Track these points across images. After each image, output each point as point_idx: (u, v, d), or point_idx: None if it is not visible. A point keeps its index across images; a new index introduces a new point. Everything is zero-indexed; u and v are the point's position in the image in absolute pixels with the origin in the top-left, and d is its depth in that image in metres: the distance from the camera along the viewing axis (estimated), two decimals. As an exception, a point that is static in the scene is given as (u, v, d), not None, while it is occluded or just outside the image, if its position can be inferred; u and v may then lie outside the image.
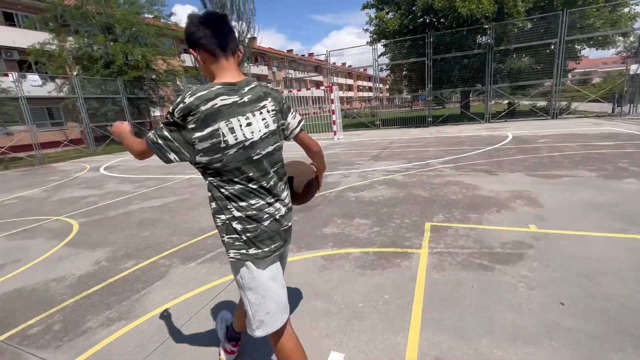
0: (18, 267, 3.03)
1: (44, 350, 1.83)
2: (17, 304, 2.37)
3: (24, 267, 3.04)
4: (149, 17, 20.36)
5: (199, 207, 4.52)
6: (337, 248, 2.78)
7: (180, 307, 2.13)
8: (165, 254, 3.01)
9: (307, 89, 13.88)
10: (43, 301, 2.37)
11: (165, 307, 2.14)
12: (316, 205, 4.06)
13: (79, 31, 17.87)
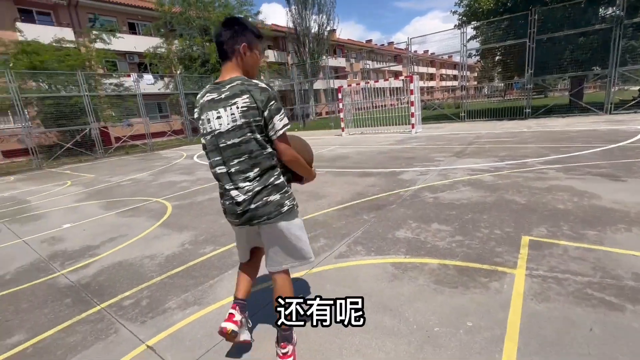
0: (124, 242, 3.53)
1: (132, 323, 2.03)
2: (119, 275, 2.73)
3: (128, 242, 3.52)
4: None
5: (273, 198, 4.66)
6: (411, 256, 2.51)
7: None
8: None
9: (384, 80, 13.30)
10: (137, 276, 2.68)
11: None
12: (388, 205, 3.79)
13: (183, 34, 20.33)
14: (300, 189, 4.95)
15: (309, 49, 29.20)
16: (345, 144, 10.46)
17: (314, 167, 1.70)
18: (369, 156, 7.49)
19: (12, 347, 1.91)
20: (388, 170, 5.69)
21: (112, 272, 2.81)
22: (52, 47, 14.97)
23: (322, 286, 2.21)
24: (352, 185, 4.90)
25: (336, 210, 3.83)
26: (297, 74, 23.62)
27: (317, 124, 22.69)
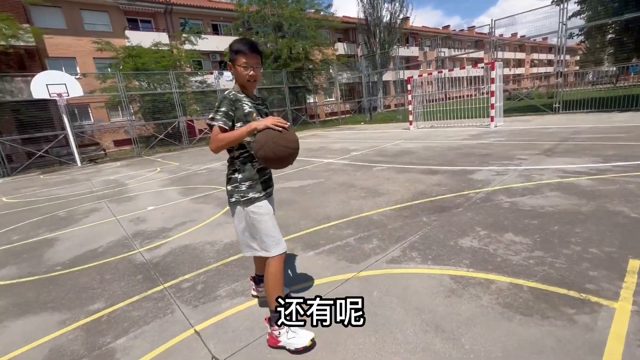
0: (192, 226, 3.84)
1: (186, 306, 2.17)
2: (183, 258, 2.97)
3: (196, 227, 3.82)
4: (311, 12, 22.32)
5: (331, 192, 4.60)
6: (475, 270, 2.19)
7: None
8: (291, 237, 3.15)
9: (461, 68, 12.09)
10: (197, 260, 2.88)
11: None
12: (454, 207, 3.40)
13: (258, 32, 21.47)
14: (360, 185, 4.80)
15: (380, 39, 28.27)
16: (412, 138, 9.87)
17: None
18: (437, 152, 6.92)
19: (92, 313, 2.21)
20: (457, 169, 5.16)
21: (178, 254, 3.07)
22: (151, 50, 17.19)
23: (369, 293, 2.06)
24: (415, 184, 4.56)
25: (394, 209, 3.59)
26: (365, 65, 23.09)
27: (384, 117, 21.96)
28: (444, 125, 12.48)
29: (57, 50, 18.22)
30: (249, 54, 1.64)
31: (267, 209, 1.77)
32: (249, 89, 1.73)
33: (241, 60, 1.64)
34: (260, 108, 1.77)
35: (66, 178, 9.81)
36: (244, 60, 1.64)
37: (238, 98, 1.66)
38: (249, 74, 1.66)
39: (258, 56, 1.68)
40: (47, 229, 4.45)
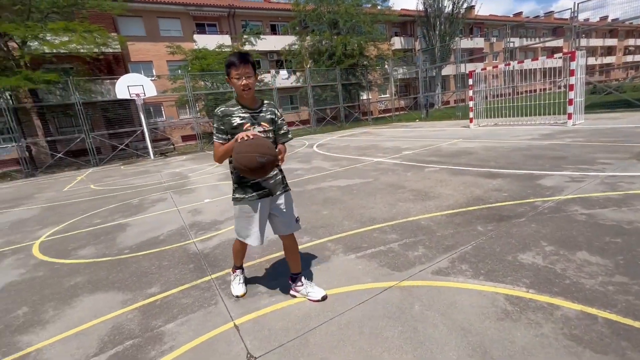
0: (241, 220, 4.02)
1: (229, 299, 2.27)
2: (230, 251, 3.10)
3: (244, 221, 3.99)
4: (367, 7, 21.90)
5: (377, 193, 4.47)
6: (537, 291, 1.93)
7: (327, 301, 2.09)
8: (333, 238, 3.12)
9: (533, 59, 10.81)
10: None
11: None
12: (515, 217, 3.05)
13: (314, 30, 21.72)
14: (409, 187, 4.58)
15: (440, 31, 26.70)
16: (472, 137, 9.15)
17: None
18: (499, 153, 6.30)
19: (148, 297, 2.42)
20: (523, 172, 4.63)
21: (226, 247, 3.23)
22: (215, 52, 18.43)
23: (410, 304, 1.94)
24: (471, 188, 4.20)
25: (445, 215, 3.34)
26: (423, 60, 21.98)
27: (441, 114, 20.74)
28: (510, 123, 11.35)
29: (138, 55, 20.50)
30: (239, 65, 1.79)
31: (241, 212, 2.03)
32: (245, 98, 1.90)
33: (233, 72, 1.81)
34: (260, 115, 1.94)
35: (141, 169, 11.03)
36: (235, 71, 1.80)
37: (227, 113, 1.88)
38: (242, 83, 1.82)
39: (248, 65, 1.82)
40: (122, 215, 5.03)
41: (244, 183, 1.97)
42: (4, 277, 3.12)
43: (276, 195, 2.05)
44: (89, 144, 14.13)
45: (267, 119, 1.96)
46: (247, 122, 1.88)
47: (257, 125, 1.92)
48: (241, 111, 1.89)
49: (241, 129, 1.85)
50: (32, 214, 5.90)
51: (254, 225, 2.02)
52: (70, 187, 8.78)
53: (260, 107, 1.96)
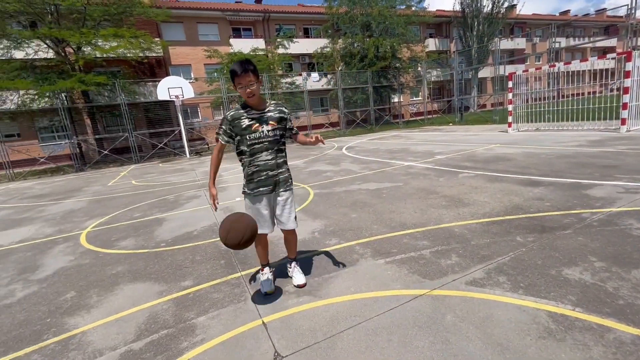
0: (270, 220, 4.09)
1: (257, 296, 2.30)
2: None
3: (273, 221, 4.05)
4: (401, 8, 21.56)
5: (408, 198, 4.36)
6: (584, 310, 1.78)
7: (355, 305, 2.07)
8: (362, 241, 3.08)
9: (582, 60, 10.04)
10: (271, 253, 3.03)
11: (345, 299, 2.15)
12: (560, 228, 2.84)
13: (346, 33, 21.73)
14: (442, 192, 4.43)
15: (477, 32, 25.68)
16: (511, 142, 8.68)
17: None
18: (541, 160, 5.92)
19: (182, 289, 2.52)
20: (568, 181, 4.32)
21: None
22: (249, 55, 18.98)
23: (442, 315, 1.86)
24: (509, 195, 3.98)
25: (480, 223, 3.19)
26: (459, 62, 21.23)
27: (477, 117, 19.90)
28: (553, 128, 10.65)
29: (178, 59, 21.60)
30: (240, 75, 1.94)
31: (248, 204, 2.23)
32: (251, 103, 2.06)
33: (236, 81, 1.96)
34: (267, 115, 2.10)
35: (177, 167, 11.58)
36: (238, 81, 1.96)
37: (236, 117, 2.07)
38: (247, 91, 1.97)
39: (249, 74, 1.94)
40: (159, 210, 5.30)
41: (252, 179, 2.16)
42: (56, 263, 3.40)
43: (279, 192, 2.22)
44: (132, 142, 15.06)
45: (276, 118, 2.12)
46: (255, 122, 2.06)
47: (265, 125, 2.09)
48: (249, 113, 2.07)
49: (250, 130, 2.06)
50: (80, 205, 6.38)
51: (261, 216, 2.21)
52: (114, 182, 9.40)
53: (268, 108, 2.12)
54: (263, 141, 2.09)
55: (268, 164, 2.13)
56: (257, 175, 2.14)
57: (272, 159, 2.13)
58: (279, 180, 2.20)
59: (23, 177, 13.32)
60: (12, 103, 14.16)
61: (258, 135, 2.08)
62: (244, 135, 2.07)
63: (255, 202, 2.19)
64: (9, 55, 14.30)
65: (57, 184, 10.45)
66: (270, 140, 2.11)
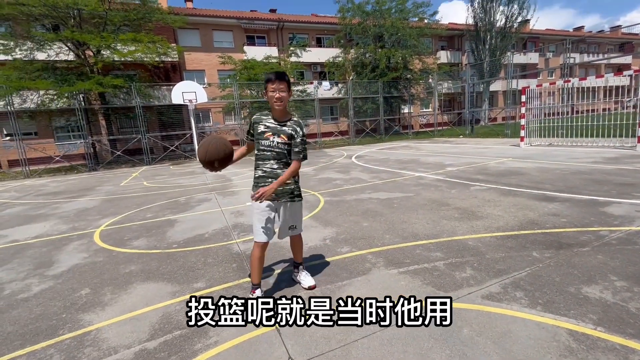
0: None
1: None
2: (270, 254, 3.17)
3: (284, 226, 4.06)
4: (414, 21, 21.75)
5: (419, 209, 4.33)
6: (606, 330, 1.73)
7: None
8: (374, 250, 3.07)
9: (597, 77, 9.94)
10: (283, 259, 3.04)
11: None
12: (578, 245, 2.79)
13: (358, 43, 21.96)
14: (454, 204, 4.40)
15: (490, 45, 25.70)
16: (523, 157, 8.59)
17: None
18: (556, 175, 5.84)
19: (195, 290, 2.54)
20: (584, 198, 4.25)
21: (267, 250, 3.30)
22: (262, 62, 19.28)
23: (458, 328, 1.83)
24: (524, 210, 3.93)
25: (495, 237, 3.15)
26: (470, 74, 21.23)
27: (488, 131, 19.77)
28: (567, 143, 10.52)
29: (192, 64, 22.05)
30: (275, 80, 2.06)
31: (257, 207, 2.19)
32: (276, 111, 2.16)
33: (270, 86, 2.08)
34: (281, 129, 2.17)
35: (188, 170, 11.72)
36: (271, 85, 2.07)
37: (256, 121, 2.20)
38: (275, 96, 2.07)
39: (283, 82, 2.07)
40: (171, 211, 5.36)
41: (257, 183, 2.24)
42: (70, 259, 3.45)
43: (280, 202, 2.27)
44: (144, 144, 15.33)
45: (287, 133, 2.18)
46: (270, 131, 2.16)
47: (277, 136, 2.17)
48: (269, 121, 2.18)
49: (263, 137, 2.17)
50: (94, 204, 6.49)
51: (261, 221, 2.19)
52: (127, 182, 9.56)
53: (286, 122, 2.20)
54: (272, 150, 2.18)
55: (273, 172, 2.19)
56: (262, 180, 2.21)
57: (277, 169, 2.19)
58: (283, 191, 2.24)
59: (38, 175, 13.63)
60: (32, 102, 14.58)
61: (268, 144, 2.18)
62: (257, 140, 2.21)
63: (260, 206, 2.19)
64: (32, 56, 14.81)
65: (71, 182, 10.66)
66: (278, 152, 2.18)
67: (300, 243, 2.50)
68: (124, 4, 15.28)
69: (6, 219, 5.72)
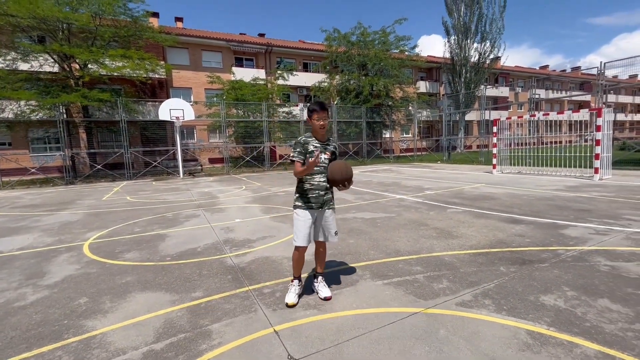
0: (272, 241, 4.30)
1: (267, 308, 2.50)
2: (264, 267, 3.37)
3: (275, 242, 4.27)
4: (395, 52, 23.16)
5: (401, 228, 4.66)
6: (557, 329, 2.06)
7: (358, 319, 2.29)
8: (361, 264, 3.33)
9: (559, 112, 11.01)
10: (276, 272, 3.24)
11: (349, 313, 2.37)
12: (538, 262, 3.18)
13: (343, 70, 23.02)
14: (432, 224, 4.76)
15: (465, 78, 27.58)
16: (495, 183, 9.25)
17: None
18: (523, 200, 6.40)
19: (193, 299, 2.68)
20: (546, 221, 4.73)
21: (260, 263, 3.49)
22: (250, 84, 19.79)
23: (436, 329, 2.11)
24: (494, 231, 4.34)
25: (468, 254, 3.50)
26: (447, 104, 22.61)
27: (463, 157, 20.88)
28: (534, 172, 11.38)
29: (179, 82, 22.26)
30: (320, 112, 2.50)
31: (302, 215, 2.57)
32: (319, 134, 2.59)
33: (315, 115, 2.51)
34: (325, 147, 2.61)
35: (172, 186, 11.67)
36: (317, 115, 2.51)
37: (307, 142, 2.55)
38: (320, 124, 2.51)
39: (325, 112, 2.54)
40: (159, 226, 5.43)
41: (304, 195, 2.58)
42: (62, 270, 3.49)
43: (324, 209, 2.63)
44: (127, 158, 15.13)
45: (330, 150, 2.65)
46: (318, 150, 2.51)
47: (323, 154, 2.59)
48: (315, 142, 2.57)
49: (313, 155, 2.51)
50: (77, 217, 6.42)
51: (305, 228, 2.55)
52: (109, 196, 9.42)
53: (328, 142, 2.65)
54: (320, 166, 2.57)
55: (320, 185, 2.57)
56: (311, 192, 2.56)
57: (323, 181, 2.58)
58: (326, 200, 2.62)
59: (11, 186, 13.09)
60: (11, 112, 14.21)
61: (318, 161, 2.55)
62: (309, 158, 2.51)
63: (305, 214, 2.55)
64: (14, 66, 14.58)
65: (48, 195, 10.36)
66: (324, 167, 2.59)
67: (325, 253, 2.79)
68: (114, 20, 15.50)
69: (-17, 231, 5.57)
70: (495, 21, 26.65)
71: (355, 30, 22.23)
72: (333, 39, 22.33)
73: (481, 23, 26.77)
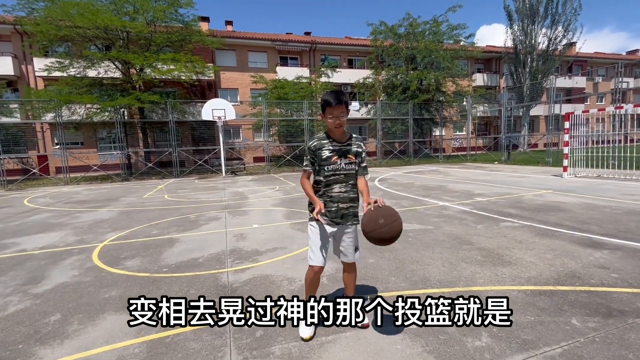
0: (280, 255, 3.79)
1: (238, 354, 1.96)
2: (258, 290, 2.85)
3: (283, 256, 3.75)
4: (449, 43, 21.32)
5: (437, 246, 3.83)
6: None
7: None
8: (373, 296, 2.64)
9: (656, 104, 8.88)
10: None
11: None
12: (633, 314, 2.19)
13: (390, 65, 21.82)
14: (478, 243, 3.85)
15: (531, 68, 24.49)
16: (566, 189, 7.70)
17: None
18: (604, 214, 5.06)
19: (160, 331, 2.25)
20: (642, 247, 3.53)
21: (256, 283, 2.99)
22: (293, 82, 19.67)
23: None
24: (562, 257, 3.31)
25: (524, 292, 2.60)
26: (508, 98, 20.18)
27: (526, 157, 18.45)
28: (619, 176, 9.37)
29: (227, 83, 23.02)
30: (335, 106, 1.92)
31: (312, 228, 2.10)
32: (336, 133, 2.04)
33: (328, 110, 1.95)
34: (346, 148, 2.05)
35: (210, 185, 11.87)
36: (330, 111, 1.94)
37: (318, 147, 2.03)
38: (336, 122, 1.96)
39: (343, 106, 1.94)
40: (177, 229, 5.24)
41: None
42: (60, 276, 3.35)
43: (345, 225, 2.12)
44: (175, 157, 15.91)
45: (353, 152, 2.07)
46: (335, 155, 2.02)
47: (343, 158, 2.04)
48: (330, 144, 2.03)
49: (329, 162, 2.02)
50: (110, 215, 6.59)
51: (319, 244, 2.08)
52: (150, 194, 9.78)
53: (349, 141, 2.08)
54: (339, 174, 2.06)
55: (340, 196, 2.07)
56: (328, 206, 2.07)
57: (345, 192, 2.07)
58: (348, 214, 2.10)
59: (77, 182, 14.50)
60: (78, 115, 15.78)
61: (335, 168, 2.04)
62: (322, 166, 2.05)
63: (322, 229, 2.08)
64: (84, 73, 16.16)
65: (101, 191, 11.14)
66: (345, 174, 2.07)
67: (355, 274, 2.28)
68: (167, 27, 16.39)
69: (29, 226, 5.92)
70: (570, 1, 23.21)
71: (403, 22, 20.90)
72: (379, 32, 21.24)
73: (552, 4, 23.51)
